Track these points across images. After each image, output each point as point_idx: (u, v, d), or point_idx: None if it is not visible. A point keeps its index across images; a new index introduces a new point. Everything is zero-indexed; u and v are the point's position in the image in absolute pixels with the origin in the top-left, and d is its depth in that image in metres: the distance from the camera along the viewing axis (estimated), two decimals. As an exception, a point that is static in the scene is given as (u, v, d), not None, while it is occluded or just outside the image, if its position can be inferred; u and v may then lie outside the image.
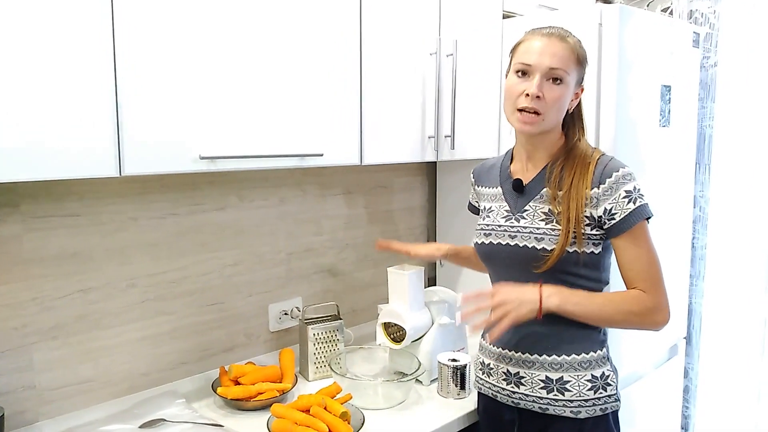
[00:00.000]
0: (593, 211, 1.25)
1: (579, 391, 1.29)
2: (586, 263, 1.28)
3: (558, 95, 1.25)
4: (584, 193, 1.25)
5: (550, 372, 1.30)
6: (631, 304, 1.24)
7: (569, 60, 1.26)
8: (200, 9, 1.21)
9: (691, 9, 2.33)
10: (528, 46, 1.28)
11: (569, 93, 1.28)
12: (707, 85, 2.31)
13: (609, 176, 1.25)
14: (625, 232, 1.24)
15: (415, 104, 1.67)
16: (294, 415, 1.35)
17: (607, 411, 1.30)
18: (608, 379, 1.31)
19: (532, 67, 1.25)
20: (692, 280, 2.39)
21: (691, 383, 2.45)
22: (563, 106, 1.28)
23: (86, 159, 1.09)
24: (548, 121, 1.28)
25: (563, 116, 1.31)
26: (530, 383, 1.32)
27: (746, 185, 2.31)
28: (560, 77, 1.25)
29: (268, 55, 1.33)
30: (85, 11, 1.06)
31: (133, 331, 1.52)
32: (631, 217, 1.23)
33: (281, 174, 1.78)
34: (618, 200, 1.24)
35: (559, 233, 1.26)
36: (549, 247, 1.26)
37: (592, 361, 1.30)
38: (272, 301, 1.80)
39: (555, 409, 1.30)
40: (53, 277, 1.38)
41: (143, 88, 1.15)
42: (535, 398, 1.32)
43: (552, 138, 1.33)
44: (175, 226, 1.57)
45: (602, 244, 1.29)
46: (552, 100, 1.25)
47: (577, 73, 1.29)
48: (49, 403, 1.39)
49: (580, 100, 1.35)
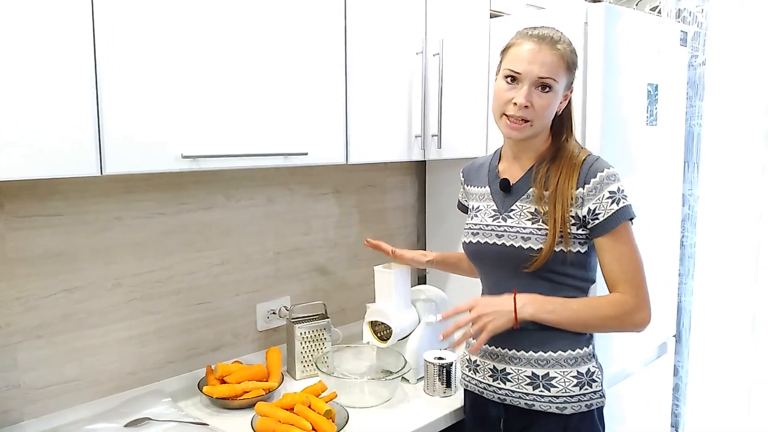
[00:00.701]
0: (578, 210, 1.26)
1: (565, 387, 1.29)
2: (573, 262, 1.29)
3: (546, 103, 1.26)
4: (570, 193, 1.26)
5: (536, 368, 1.31)
6: (608, 309, 1.25)
7: (558, 68, 1.26)
8: (183, 4, 1.21)
9: (679, 8, 2.34)
10: (518, 52, 1.27)
11: (558, 99, 1.29)
12: (695, 83, 2.31)
13: (594, 176, 1.26)
14: (608, 232, 1.25)
15: (401, 103, 1.67)
16: (278, 413, 1.36)
17: (592, 407, 1.31)
18: (594, 375, 1.32)
19: (521, 75, 1.26)
20: (681, 278, 2.40)
21: (681, 381, 2.45)
22: (551, 112, 1.29)
23: (66, 158, 1.09)
24: (536, 127, 1.29)
25: (551, 120, 1.32)
26: (516, 379, 1.33)
27: (735, 183, 2.32)
28: (549, 85, 1.25)
29: (252, 52, 1.33)
30: (64, 5, 1.06)
31: (119, 331, 1.52)
32: (614, 218, 1.24)
33: (268, 173, 1.78)
34: (602, 201, 1.24)
35: (545, 233, 1.27)
36: (536, 247, 1.27)
37: (578, 357, 1.31)
38: (260, 301, 1.80)
39: (541, 405, 1.31)
40: (37, 277, 1.38)
41: (125, 86, 1.15)
42: (521, 394, 1.33)
43: (540, 139, 1.34)
44: (161, 226, 1.57)
45: (588, 243, 1.29)
46: (540, 108, 1.26)
47: (566, 79, 1.29)
48: (34, 403, 1.39)
49: (569, 101, 1.35)
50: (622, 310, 1.25)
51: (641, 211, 1.77)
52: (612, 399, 1.89)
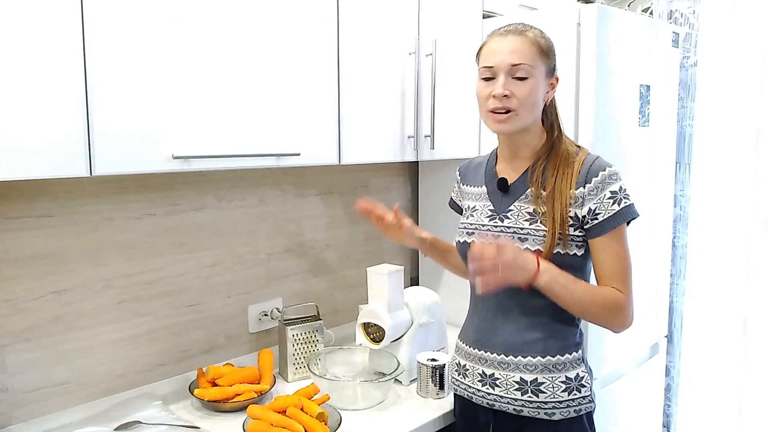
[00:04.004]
0: (578, 210, 1.25)
1: (553, 392, 1.28)
2: (571, 265, 1.26)
3: (527, 90, 1.24)
4: (568, 193, 1.25)
5: (525, 373, 1.30)
6: (606, 301, 1.24)
7: (530, 52, 1.25)
8: (174, 2, 1.20)
9: (671, 9, 2.35)
10: (488, 49, 1.28)
11: (540, 85, 1.27)
12: (687, 84, 2.32)
13: (595, 175, 1.24)
14: (607, 233, 1.24)
15: (394, 104, 1.67)
16: (270, 416, 1.34)
17: (581, 412, 1.30)
18: (582, 380, 1.31)
19: (495, 68, 1.25)
20: (673, 278, 2.41)
21: (673, 381, 2.46)
22: (537, 100, 1.27)
23: (55, 158, 1.07)
24: (523, 117, 1.27)
25: (540, 110, 1.30)
26: (505, 384, 1.32)
27: (726, 184, 2.33)
28: (525, 72, 1.24)
29: (244, 51, 1.32)
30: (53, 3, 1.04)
31: (109, 333, 1.50)
32: (615, 218, 1.23)
33: (260, 174, 1.77)
34: (603, 200, 1.23)
35: (543, 234, 1.25)
36: (533, 248, 1.26)
37: (566, 362, 1.30)
38: (252, 302, 1.79)
39: (529, 410, 1.30)
40: (26, 279, 1.36)
41: (114, 86, 1.13)
42: (509, 399, 1.31)
43: (532, 135, 1.32)
44: (151, 227, 1.55)
45: (585, 246, 1.28)
46: (522, 95, 1.24)
47: (544, 64, 1.27)
48: (23, 406, 1.38)
49: (554, 96, 1.34)
50: (617, 305, 1.24)
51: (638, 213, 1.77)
52: (604, 399, 1.90)
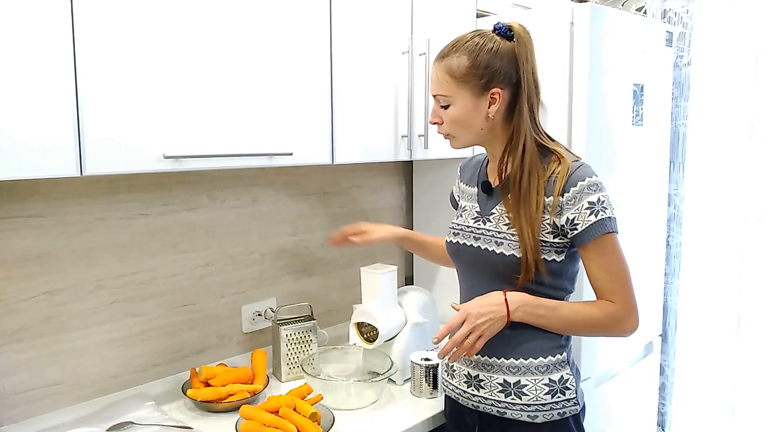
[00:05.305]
0: (556, 219, 1.23)
1: (536, 395, 1.27)
2: (549, 271, 1.25)
3: (451, 116, 1.30)
4: (536, 200, 1.23)
5: (508, 375, 1.29)
6: (597, 317, 1.23)
7: (445, 81, 1.28)
8: (165, 2, 1.19)
9: (664, 8, 2.35)
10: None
11: (467, 107, 1.27)
12: (681, 84, 2.32)
13: (574, 185, 1.22)
14: (589, 242, 1.22)
15: (387, 103, 1.66)
16: (263, 416, 1.34)
17: (565, 415, 1.28)
18: (567, 383, 1.29)
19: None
20: (667, 277, 2.41)
21: (667, 380, 2.47)
22: (467, 121, 1.28)
23: (45, 158, 1.07)
24: (461, 137, 1.32)
25: (483, 128, 1.29)
26: (489, 386, 1.31)
27: (720, 183, 2.34)
28: (444, 101, 1.30)
29: (236, 50, 1.32)
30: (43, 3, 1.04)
31: (101, 333, 1.50)
32: (592, 229, 1.21)
33: (253, 173, 1.76)
34: (580, 211, 1.21)
35: (518, 240, 1.25)
36: (507, 253, 1.25)
37: (549, 365, 1.28)
38: (245, 302, 1.78)
39: (512, 413, 1.29)
40: (17, 279, 1.35)
41: (105, 85, 1.13)
42: (493, 402, 1.31)
43: (499, 145, 1.31)
44: (144, 227, 1.55)
45: (566, 252, 1.26)
46: (448, 121, 1.31)
47: (466, 88, 1.25)
48: (14, 407, 1.37)
49: (508, 103, 1.27)
50: (612, 318, 1.23)
51: (627, 212, 1.78)
52: (599, 398, 1.90)
